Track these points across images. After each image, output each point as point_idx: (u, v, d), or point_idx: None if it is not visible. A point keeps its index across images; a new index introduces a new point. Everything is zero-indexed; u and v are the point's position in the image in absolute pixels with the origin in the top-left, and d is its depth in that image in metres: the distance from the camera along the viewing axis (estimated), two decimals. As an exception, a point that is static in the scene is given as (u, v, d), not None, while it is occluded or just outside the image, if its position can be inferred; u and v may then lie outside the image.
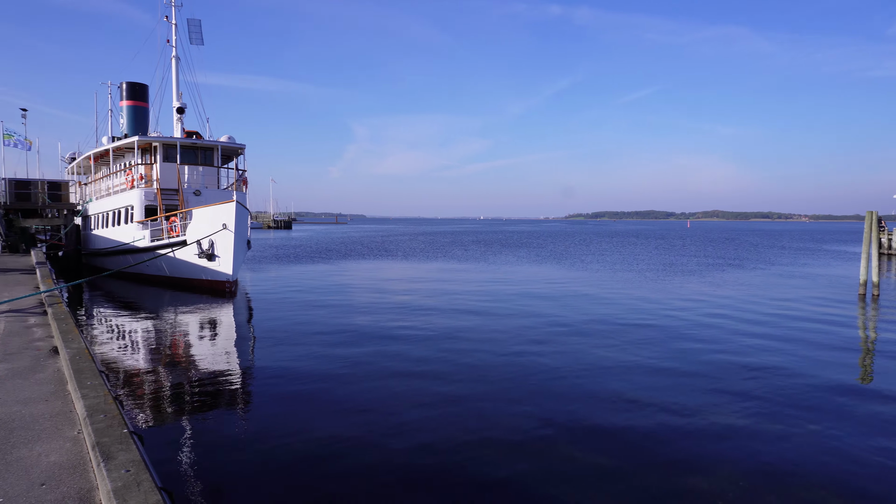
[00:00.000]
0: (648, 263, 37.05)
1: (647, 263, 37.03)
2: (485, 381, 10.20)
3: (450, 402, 9.05)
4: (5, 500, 3.67)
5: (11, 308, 10.92)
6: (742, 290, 23.59)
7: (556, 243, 65.72)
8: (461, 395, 9.44)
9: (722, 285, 25.19)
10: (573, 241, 70.69)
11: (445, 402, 9.06)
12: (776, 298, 20.92)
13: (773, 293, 22.44)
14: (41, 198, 31.45)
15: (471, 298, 20.55)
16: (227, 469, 6.62)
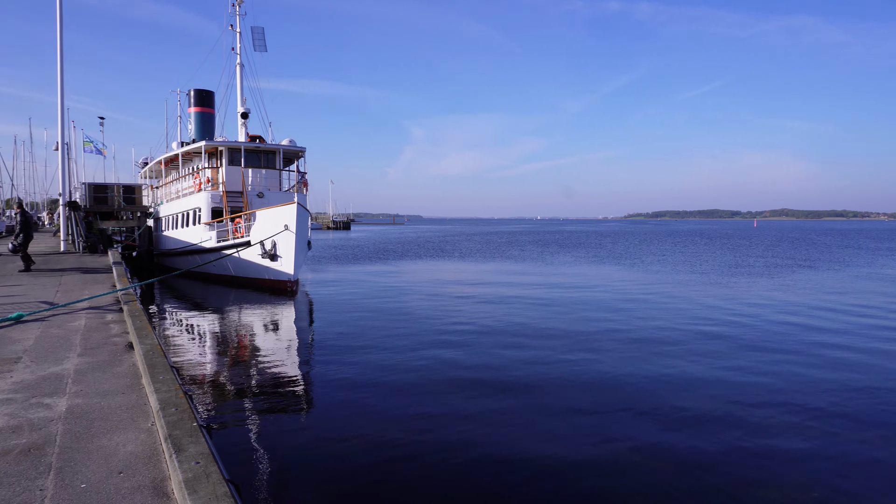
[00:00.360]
0: (712, 264, 35.85)
1: (711, 264, 35.84)
2: (541, 390, 9.91)
3: (506, 410, 8.94)
4: (88, 486, 3.89)
5: (91, 305, 11.55)
6: (815, 293, 22.50)
7: (615, 243, 64.47)
8: (517, 403, 9.29)
9: (792, 288, 24.10)
10: (633, 242, 69.16)
11: (501, 410, 8.96)
12: (853, 304, 19.82)
13: (850, 298, 21.28)
14: (117, 201, 33.09)
15: (528, 300, 20.41)
16: (288, 464, 6.80)
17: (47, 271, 16.59)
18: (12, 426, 5.00)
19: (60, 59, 20.98)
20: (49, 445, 4.58)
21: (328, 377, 10.46)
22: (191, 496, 3.54)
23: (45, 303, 11.72)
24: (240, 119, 29.26)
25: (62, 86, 21.26)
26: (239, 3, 29.50)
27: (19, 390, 6.04)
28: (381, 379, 10.27)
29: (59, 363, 7.15)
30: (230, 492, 3.63)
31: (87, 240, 22.85)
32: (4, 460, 4.30)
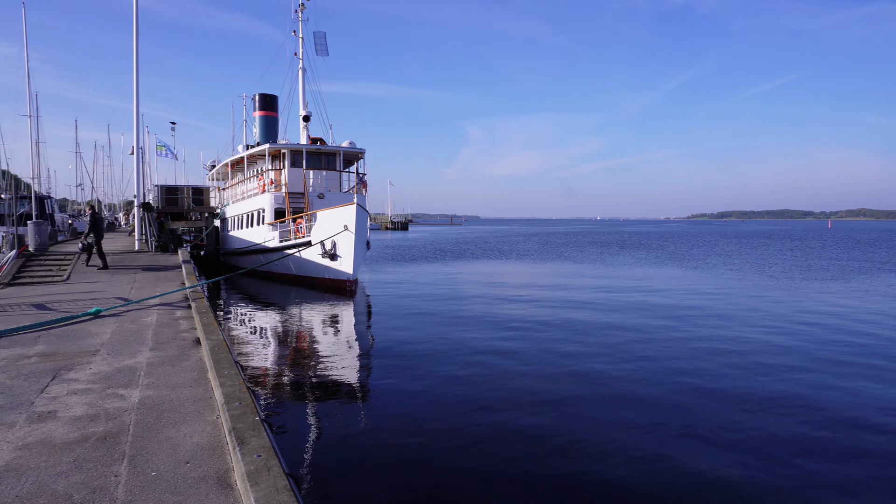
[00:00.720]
0: (782, 267, 34.36)
1: (781, 267, 34.36)
2: (597, 401, 9.62)
3: (557, 418, 8.84)
4: (157, 474, 4.09)
5: (162, 301, 12.11)
6: (893, 297, 21.25)
7: (677, 244, 62.68)
8: (570, 413, 9.17)
9: (871, 293, 22.80)
10: (696, 243, 67.02)
11: (553, 418, 8.89)
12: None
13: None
14: (186, 202, 34.50)
15: (585, 302, 20.11)
16: (345, 459, 6.93)
17: (123, 268, 17.48)
18: (91, 415, 5.30)
19: (136, 68, 22.07)
20: (123, 434, 4.83)
21: (385, 376, 10.60)
22: (252, 488, 3.66)
23: (121, 299, 12.36)
24: (301, 122, 30.02)
25: (137, 93, 22.35)
26: (301, 9, 30.30)
27: (97, 381, 6.40)
28: (437, 380, 10.33)
29: (132, 356, 7.54)
30: (289, 485, 3.74)
31: (159, 239, 23.92)
32: (83, 447, 4.57)
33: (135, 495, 3.79)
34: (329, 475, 6.50)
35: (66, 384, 6.29)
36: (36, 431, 4.90)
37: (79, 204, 77.98)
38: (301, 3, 30.22)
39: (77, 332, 9.09)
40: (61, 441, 4.69)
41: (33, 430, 4.94)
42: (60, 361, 7.30)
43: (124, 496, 3.78)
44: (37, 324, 9.52)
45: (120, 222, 65.81)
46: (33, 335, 8.89)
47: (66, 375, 6.65)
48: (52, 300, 12.21)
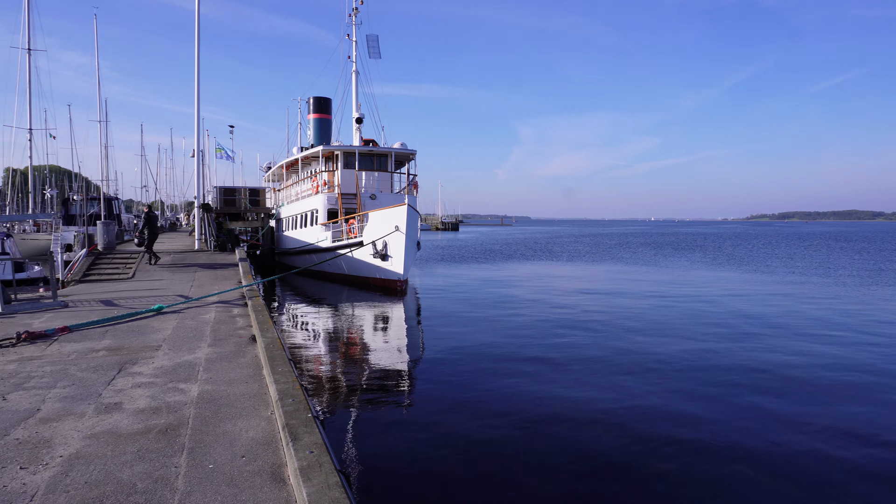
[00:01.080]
0: (850, 270, 32.82)
1: (849, 270, 32.82)
2: (650, 402, 9.63)
3: (612, 424, 8.71)
4: (215, 467, 4.23)
5: (220, 299, 12.51)
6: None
7: (735, 246, 60.66)
8: (622, 414, 9.07)
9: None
10: (756, 244, 64.72)
11: (607, 423, 8.75)
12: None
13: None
14: (243, 203, 35.53)
15: (639, 304, 19.70)
16: (394, 459, 7.00)
17: (184, 267, 18.15)
18: (153, 407, 5.53)
19: (197, 75, 22.89)
20: (183, 427, 5.01)
21: (434, 377, 10.65)
22: (305, 483, 3.74)
23: (182, 296, 12.83)
24: (354, 124, 30.48)
25: (198, 99, 23.18)
26: (355, 13, 30.76)
27: (159, 375, 6.66)
28: (486, 384, 10.31)
29: (192, 352, 7.81)
30: (340, 482, 3.80)
31: (218, 239, 24.73)
32: (146, 438, 4.76)
33: (193, 486, 3.93)
34: (378, 473, 6.57)
35: (130, 377, 6.57)
36: (103, 422, 5.14)
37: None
38: (355, 8, 30.70)
39: (141, 328, 9.49)
40: (126, 432, 4.90)
41: (101, 420, 5.18)
42: (126, 356, 7.63)
43: (184, 487, 3.92)
44: (104, 319, 9.99)
45: (181, 222, 68.34)
46: (101, 330, 9.33)
47: (131, 369, 6.95)
48: (118, 297, 12.79)
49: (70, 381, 6.39)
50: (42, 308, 11.38)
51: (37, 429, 4.96)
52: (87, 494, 3.80)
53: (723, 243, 68.02)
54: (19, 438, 4.74)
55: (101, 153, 40.12)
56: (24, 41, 32.45)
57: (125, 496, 3.78)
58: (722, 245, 63.34)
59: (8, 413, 5.34)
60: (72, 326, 9.33)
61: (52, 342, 8.44)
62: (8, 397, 5.81)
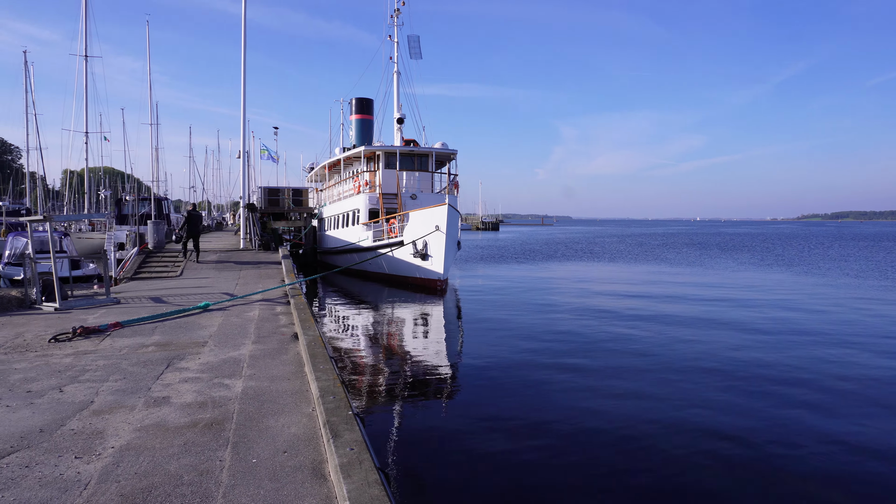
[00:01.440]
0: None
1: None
2: (695, 412, 9.41)
3: (657, 430, 8.54)
4: (258, 461, 4.32)
5: (264, 297, 12.77)
6: None
7: (785, 247, 58.79)
8: (666, 421, 8.86)
9: None
10: (807, 245, 62.57)
11: (652, 428, 8.57)
12: None
13: None
14: (287, 203, 36.17)
15: (684, 306, 19.29)
16: (433, 458, 7.02)
17: (229, 265, 18.59)
18: (199, 402, 5.67)
19: (244, 79, 23.42)
20: (227, 421, 5.13)
21: (474, 377, 10.63)
22: (345, 480, 3.78)
23: (227, 294, 13.15)
24: (395, 124, 30.70)
25: (244, 102, 23.71)
26: (397, 14, 30.98)
27: (205, 371, 6.84)
28: (526, 383, 10.25)
29: (236, 349, 8.00)
30: (380, 479, 3.83)
31: (262, 238, 25.25)
32: (192, 431, 4.90)
33: (237, 480, 4.02)
34: (417, 472, 6.60)
35: (178, 372, 6.77)
36: (152, 415, 5.30)
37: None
38: (396, 9, 30.91)
39: (188, 325, 9.76)
40: (174, 425, 5.04)
41: (150, 413, 5.35)
42: (174, 351, 7.86)
43: (228, 480, 4.01)
44: (154, 315, 10.31)
45: (227, 222, 70.04)
46: (151, 326, 9.63)
47: (179, 364, 7.15)
48: (167, 294, 13.18)
49: (121, 375, 6.62)
50: (96, 304, 11.82)
51: (90, 420, 5.15)
52: (136, 485, 3.93)
53: (772, 244, 65.99)
54: (74, 429, 4.94)
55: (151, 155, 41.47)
56: (81, 48, 33.75)
57: (172, 487, 3.90)
58: (771, 246, 61.46)
59: (64, 404, 5.57)
60: (123, 322, 9.66)
61: (105, 337, 8.75)
62: (64, 389, 6.05)
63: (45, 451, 4.47)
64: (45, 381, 6.38)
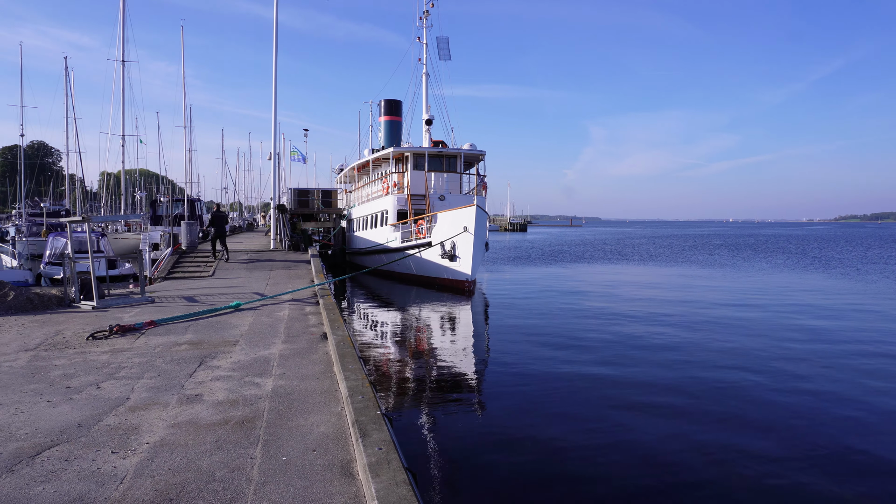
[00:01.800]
0: (951, 276, 30.37)
1: (950, 276, 30.37)
2: (723, 415, 9.24)
3: (679, 435, 8.42)
4: (287, 459, 4.37)
5: (294, 298, 12.92)
6: None
7: (822, 248, 57.32)
8: (693, 426, 8.74)
9: None
10: (845, 247, 60.88)
11: (674, 433, 8.46)
12: None
13: None
14: (316, 204, 36.53)
15: (716, 309, 18.95)
16: (461, 458, 7.01)
17: (260, 265, 18.85)
18: (231, 400, 5.77)
19: (275, 82, 23.74)
20: (258, 420, 5.21)
21: (501, 378, 10.61)
22: (374, 479, 3.81)
23: (258, 294, 13.33)
24: (424, 126, 30.79)
25: (275, 104, 24.03)
26: (426, 16, 31.07)
27: (236, 369, 6.95)
28: (553, 383, 10.19)
29: (266, 348, 8.11)
30: (408, 479, 3.85)
31: (292, 239, 25.56)
32: (224, 429, 4.98)
33: (268, 477, 4.07)
34: (445, 472, 6.61)
35: (210, 371, 6.89)
36: (185, 412, 5.41)
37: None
38: (426, 10, 31.02)
39: (220, 324, 9.92)
40: (206, 422, 5.14)
41: (183, 410, 5.46)
42: (206, 350, 8.00)
43: (258, 477, 4.07)
44: (187, 315, 10.51)
45: (258, 223, 71.00)
46: (184, 325, 9.82)
47: (211, 363, 7.28)
48: (199, 293, 13.43)
49: (156, 373, 6.76)
50: (131, 303, 12.10)
51: (126, 416, 5.28)
52: (170, 480, 4.01)
53: (808, 245, 64.42)
54: (111, 424, 5.06)
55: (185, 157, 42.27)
56: (118, 53, 34.59)
57: (204, 483, 3.97)
58: (807, 247, 59.99)
59: (101, 400, 5.71)
60: (158, 321, 9.87)
61: (140, 335, 8.95)
62: (101, 386, 6.21)
63: (84, 446, 4.59)
64: (83, 377, 6.56)
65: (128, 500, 3.73)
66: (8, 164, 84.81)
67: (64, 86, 37.53)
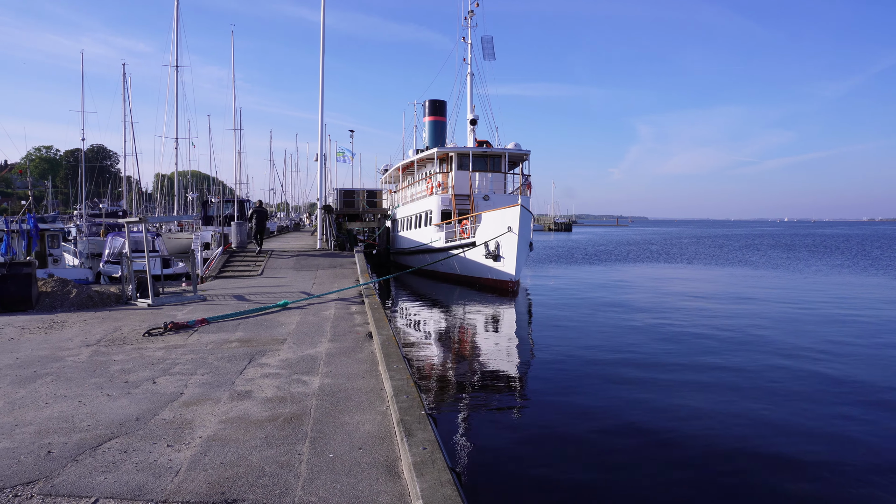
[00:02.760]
0: None
1: None
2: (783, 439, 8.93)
3: (731, 437, 8.18)
4: (334, 456, 4.45)
5: (339, 297, 13.12)
6: None
7: (884, 249, 54.82)
8: (741, 429, 8.48)
9: None
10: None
11: (725, 434, 8.22)
12: None
13: None
14: (361, 204, 36.96)
15: (767, 311, 18.36)
16: (504, 459, 7.00)
17: (307, 264, 19.21)
18: (279, 397, 5.90)
19: (322, 84, 24.13)
20: (305, 417, 5.31)
21: (545, 379, 10.53)
22: (418, 478, 3.84)
23: (304, 293, 13.59)
24: (469, 126, 30.80)
25: (322, 106, 24.42)
26: (471, 16, 31.09)
27: (284, 367, 7.10)
28: (598, 386, 10.06)
29: (313, 346, 8.26)
30: (452, 479, 3.87)
31: (338, 239, 25.93)
32: (273, 425, 5.10)
33: (315, 474, 4.15)
34: (489, 473, 6.61)
35: (259, 368, 7.06)
36: (236, 408, 5.56)
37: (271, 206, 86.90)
38: (470, 10, 31.04)
39: (269, 322, 10.16)
40: (256, 419, 5.27)
41: (234, 406, 5.62)
42: (255, 347, 8.21)
43: (306, 473, 4.16)
44: (237, 313, 10.79)
45: (304, 223, 72.34)
46: (234, 323, 10.09)
47: (260, 360, 7.46)
48: (248, 292, 13.77)
49: (208, 369, 6.98)
50: (184, 301, 12.51)
51: (180, 411, 5.46)
52: (222, 474, 4.13)
53: (869, 246, 61.72)
54: (166, 419, 5.25)
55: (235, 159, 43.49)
56: (172, 59, 35.80)
57: (255, 478, 4.08)
58: (867, 248, 57.47)
59: (157, 395, 5.93)
60: (209, 319, 10.17)
61: (193, 332, 9.24)
62: (157, 381, 6.44)
63: (141, 438, 4.78)
64: (139, 372, 6.82)
65: (182, 493, 3.86)
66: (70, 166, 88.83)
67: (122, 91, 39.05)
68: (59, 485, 3.95)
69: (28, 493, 3.83)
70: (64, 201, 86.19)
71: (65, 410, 5.45)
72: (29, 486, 3.93)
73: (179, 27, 35.68)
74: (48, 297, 11.63)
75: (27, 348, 8.07)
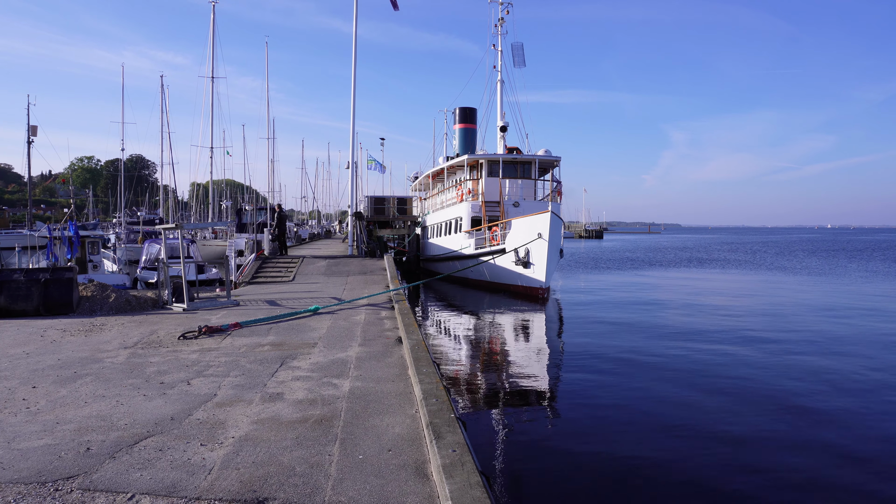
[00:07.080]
0: None
1: None
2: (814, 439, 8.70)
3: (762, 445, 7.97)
4: (364, 458, 4.47)
5: (370, 302, 13.21)
6: None
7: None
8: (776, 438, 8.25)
9: None
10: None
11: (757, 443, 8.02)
12: None
13: None
14: (391, 211, 37.20)
15: (802, 318, 17.88)
16: (533, 463, 6.95)
17: (338, 270, 19.38)
18: (310, 399, 5.96)
19: (353, 94, 24.43)
20: (335, 419, 5.35)
21: (574, 385, 10.43)
22: (448, 481, 3.83)
23: (335, 298, 13.71)
24: (499, 132, 30.78)
25: (354, 115, 24.72)
26: (501, 23, 31.14)
27: (315, 370, 7.17)
28: (627, 393, 9.92)
29: (343, 350, 8.32)
30: (482, 481, 3.85)
31: (368, 245, 26.12)
32: (303, 426, 5.15)
33: (345, 475, 4.18)
34: (518, 476, 6.57)
35: (290, 371, 7.14)
36: (268, 409, 5.63)
37: (303, 214, 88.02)
38: (501, 18, 31.09)
39: (300, 326, 10.27)
40: (287, 420, 5.33)
41: (266, 408, 5.69)
42: (286, 351, 8.31)
43: (336, 474, 4.19)
44: (269, 317, 10.94)
45: (335, 230, 73.06)
46: (266, 327, 10.23)
47: (291, 363, 7.55)
48: (280, 297, 13.95)
49: (240, 372, 7.08)
50: (218, 306, 12.73)
51: (214, 412, 5.56)
52: (254, 473, 4.19)
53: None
54: (200, 419, 5.34)
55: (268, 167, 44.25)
56: (208, 70, 36.66)
57: (286, 478, 4.12)
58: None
59: (192, 396, 6.04)
60: (242, 323, 10.33)
61: (226, 336, 9.40)
62: (191, 382, 6.57)
63: (176, 437, 4.87)
64: (175, 374, 6.96)
65: (215, 490, 3.92)
66: (110, 176, 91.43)
67: (160, 102, 40.14)
68: (97, 480, 4.05)
69: (68, 488, 3.93)
70: (104, 210, 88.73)
71: (103, 409, 5.59)
72: (69, 480, 4.04)
73: (215, 40, 36.53)
74: (88, 301, 11.96)
75: (68, 350, 8.31)
